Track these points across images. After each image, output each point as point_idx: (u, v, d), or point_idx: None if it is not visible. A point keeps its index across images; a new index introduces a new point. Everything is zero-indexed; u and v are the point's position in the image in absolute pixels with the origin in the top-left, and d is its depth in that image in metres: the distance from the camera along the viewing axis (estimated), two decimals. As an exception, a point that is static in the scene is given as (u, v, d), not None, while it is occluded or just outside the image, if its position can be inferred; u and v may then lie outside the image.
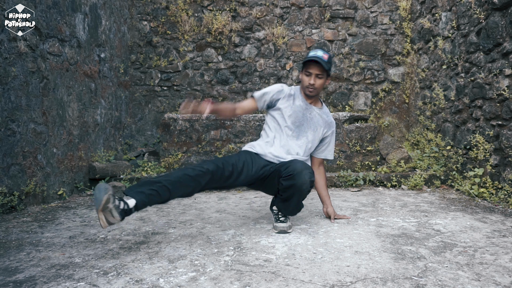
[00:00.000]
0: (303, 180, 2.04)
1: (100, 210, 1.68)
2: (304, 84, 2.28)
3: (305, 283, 1.45)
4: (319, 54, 2.22)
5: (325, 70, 2.23)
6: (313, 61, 2.21)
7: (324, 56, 2.22)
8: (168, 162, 4.29)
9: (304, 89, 2.32)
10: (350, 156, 4.25)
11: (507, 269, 1.60)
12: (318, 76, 2.24)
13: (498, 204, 2.91)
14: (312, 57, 2.20)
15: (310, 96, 2.33)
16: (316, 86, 2.26)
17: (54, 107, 3.22)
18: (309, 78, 2.25)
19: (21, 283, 1.49)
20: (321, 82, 2.26)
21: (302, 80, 2.30)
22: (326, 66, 2.19)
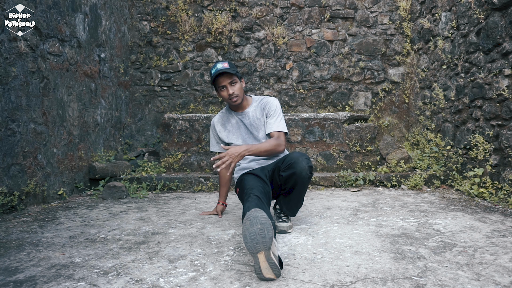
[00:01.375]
0: (302, 166, 2.07)
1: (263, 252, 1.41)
2: (226, 98, 2.32)
3: (305, 283, 1.46)
4: (219, 66, 2.26)
5: (233, 74, 2.27)
6: (218, 75, 2.25)
7: (224, 65, 2.26)
8: (168, 162, 4.29)
9: (229, 103, 2.35)
10: (350, 156, 4.25)
11: (506, 269, 1.60)
12: (232, 83, 2.28)
13: (498, 204, 2.91)
14: (215, 73, 2.24)
15: (238, 104, 2.36)
16: (236, 92, 2.30)
17: (54, 107, 3.23)
18: (226, 91, 2.29)
19: (21, 283, 1.49)
20: (237, 86, 2.30)
21: (223, 97, 2.34)
22: (232, 71, 2.24)
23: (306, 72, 5.12)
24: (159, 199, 3.36)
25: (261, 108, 2.41)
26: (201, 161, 4.29)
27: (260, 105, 2.43)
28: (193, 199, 3.36)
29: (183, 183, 3.85)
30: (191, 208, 2.93)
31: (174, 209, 2.90)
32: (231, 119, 2.44)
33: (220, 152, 2.49)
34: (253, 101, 2.46)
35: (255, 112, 2.40)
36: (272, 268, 1.43)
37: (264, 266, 1.42)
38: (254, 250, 1.42)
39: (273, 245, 1.49)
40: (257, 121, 2.39)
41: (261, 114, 2.40)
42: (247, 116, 2.40)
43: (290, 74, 5.15)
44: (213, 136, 2.51)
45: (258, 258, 1.42)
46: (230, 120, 2.44)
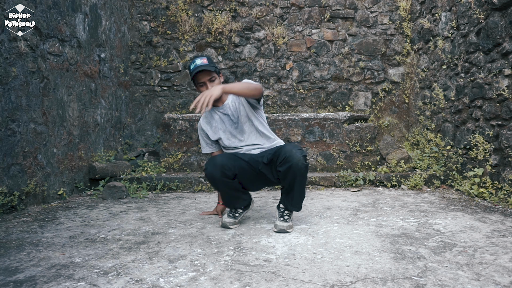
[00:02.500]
0: (297, 157, 2.11)
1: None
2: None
3: (305, 283, 1.46)
4: (198, 62, 2.26)
5: (212, 71, 2.27)
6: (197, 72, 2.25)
7: (203, 61, 2.27)
8: (168, 162, 4.29)
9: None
10: (350, 156, 4.25)
11: (506, 269, 1.60)
12: (211, 80, 2.28)
13: (498, 204, 2.91)
14: (194, 70, 2.24)
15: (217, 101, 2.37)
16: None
17: (54, 107, 3.23)
18: (205, 87, 2.29)
19: (21, 283, 1.49)
20: (217, 82, 2.30)
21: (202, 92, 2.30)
22: (211, 68, 2.24)
23: (306, 72, 5.11)
24: (159, 199, 3.36)
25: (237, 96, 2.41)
26: (201, 161, 4.29)
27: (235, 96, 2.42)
28: (193, 199, 3.36)
29: (183, 183, 3.85)
30: (191, 208, 2.93)
31: (174, 209, 2.90)
32: (214, 115, 2.44)
33: (212, 152, 2.51)
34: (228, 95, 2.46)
35: (234, 103, 2.41)
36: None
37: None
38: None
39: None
40: (238, 110, 2.39)
41: (238, 101, 2.40)
42: (228, 107, 2.40)
43: (290, 74, 5.15)
44: (202, 138, 2.51)
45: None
46: (213, 116, 2.44)
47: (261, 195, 3.46)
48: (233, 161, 2.27)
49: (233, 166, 2.24)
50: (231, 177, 2.25)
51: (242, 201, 2.42)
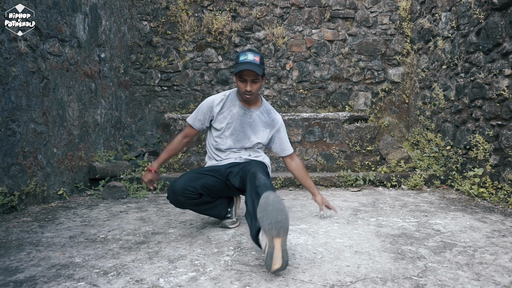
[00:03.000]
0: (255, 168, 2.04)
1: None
2: (241, 90, 2.22)
3: (305, 283, 1.46)
4: (250, 58, 2.13)
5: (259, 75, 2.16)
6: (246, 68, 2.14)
7: (255, 59, 2.14)
8: (168, 162, 4.29)
9: (242, 96, 2.25)
10: (350, 156, 4.25)
11: (506, 269, 1.60)
12: (254, 81, 2.17)
13: (498, 204, 2.91)
14: (244, 64, 2.12)
15: (248, 101, 2.29)
16: (253, 91, 2.20)
17: (54, 107, 3.23)
18: (245, 85, 2.18)
19: (21, 283, 1.49)
20: (257, 86, 2.20)
21: (238, 86, 2.22)
22: (260, 72, 2.12)
23: (306, 72, 5.11)
24: (159, 199, 3.36)
25: (265, 123, 2.35)
26: (201, 161, 4.29)
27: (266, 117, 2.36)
28: (193, 199, 3.36)
29: (183, 183, 3.84)
30: (191, 208, 2.93)
31: (174, 209, 2.90)
32: (233, 107, 2.32)
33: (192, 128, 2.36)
34: (262, 104, 2.38)
35: (260, 116, 2.34)
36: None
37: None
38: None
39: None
40: (257, 125, 2.33)
41: (264, 125, 2.34)
42: (251, 115, 2.32)
43: (290, 74, 5.15)
44: (201, 112, 2.32)
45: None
46: (232, 108, 2.32)
47: (261, 195, 3.45)
48: (194, 181, 2.16)
49: (195, 188, 2.14)
50: (195, 197, 2.16)
51: (223, 206, 2.37)
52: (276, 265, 1.47)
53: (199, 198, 2.18)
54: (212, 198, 2.28)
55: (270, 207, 1.55)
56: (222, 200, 2.38)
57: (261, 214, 1.56)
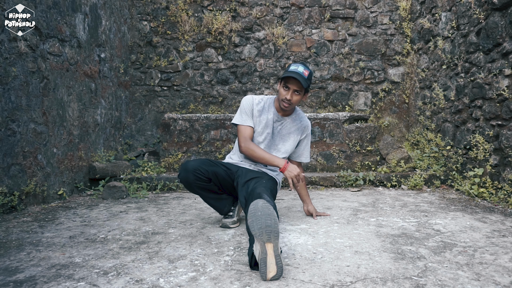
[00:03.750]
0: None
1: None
2: (281, 97, 2.25)
3: (305, 283, 1.46)
4: (300, 70, 2.18)
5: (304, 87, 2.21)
6: (292, 77, 2.17)
7: (304, 72, 2.18)
8: (168, 162, 4.29)
9: (280, 102, 2.28)
10: (350, 156, 4.25)
11: (506, 269, 1.60)
12: (296, 92, 2.21)
13: (498, 204, 2.91)
14: (292, 72, 2.16)
15: (284, 110, 2.32)
16: (292, 101, 2.23)
17: (54, 107, 3.23)
18: (287, 93, 2.22)
19: (21, 283, 1.49)
20: (298, 98, 2.23)
21: (280, 93, 2.26)
22: (304, 84, 2.16)
23: (306, 72, 5.11)
24: (159, 199, 3.36)
25: (298, 128, 2.40)
26: (201, 161, 4.29)
27: (300, 123, 2.40)
28: (193, 199, 3.36)
29: (183, 183, 3.85)
30: (191, 208, 2.93)
31: (174, 209, 2.90)
32: (269, 113, 2.34)
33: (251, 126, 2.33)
34: (294, 112, 2.42)
35: (291, 125, 2.38)
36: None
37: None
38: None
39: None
40: (287, 135, 2.37)
41: (296, 133, 2.40)
42: (283, 124, 2.37)
43: (290, 74, 5.14)
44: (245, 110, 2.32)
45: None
46: (267, 112, 2.34)
47: (261, 195, 3.45)
48: (207, 166, 2.21)
49: (207, 171, 2.19)
50: (205, 180, 2.21)
51: (228, 202, 2.39)
52: (271, 273, 1.45)
53: (208, 183, 2.24)
54: (219, 190, 2.33)
55: (259, 213, 1.57)
56: (228, 196, 2.41)
57: (251, 220, 1.57)
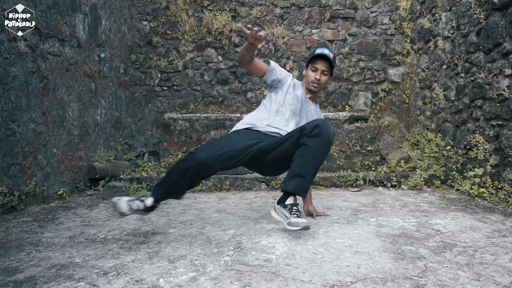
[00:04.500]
0: (330, 129, 2.01)
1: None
2: (310, 79, 2.35)
3: (305, 283, 1.45)
4: (326, 52, 2.30)
5: (331, 67, 2.33)
6: (321, 57, 2.29)
7: (330, 54, 2.31)
8: (168, 162, 4.29)
9: (309, 84, 2.38)
10: (350, 156, 4.25)
11: (507, 269, 1.60)
12: (324, 73, 2.33)
13: (498, 204, 2.91)
14: (320, 53, 2.29)
15: (313, 91, 2.41)
16: (321, 81, 2.34)
17: (54, 107, 3.22)
18: (316, 74, 2.32)
19: (21, 283, 1.49)
20: (325, 78, 2.35)
21: (307, 75, 2.37)
22: (333, 63, 2.30)
23: (306, 72, 5.11)
24: (159, 199, 3.36)
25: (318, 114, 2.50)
26: (201, 161, 4.29)
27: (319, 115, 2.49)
28: (193, 199, 3.36)
29: (183, 183, 3.84)
30: (191, 208, 2.93)
31: (174, 209, 2.90)
32: (298, 91, 2.40)
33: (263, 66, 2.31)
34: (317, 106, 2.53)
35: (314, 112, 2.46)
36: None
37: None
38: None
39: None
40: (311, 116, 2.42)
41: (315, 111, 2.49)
42: (310, 104, 2.44)
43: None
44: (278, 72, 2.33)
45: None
46: (298, 91, 2.39)
47: (261, 195, 3.45)
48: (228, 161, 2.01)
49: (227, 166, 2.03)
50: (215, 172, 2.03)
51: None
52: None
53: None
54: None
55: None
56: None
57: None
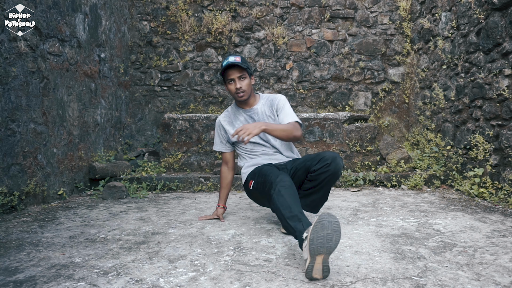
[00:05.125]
0: (339, 166, 2.03)
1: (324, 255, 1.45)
2: (232, 92, 2.26)
3: (305, 283, 1.46)
4: (231, 60, 2.20)
5: (244, 69, 2.22)
6: (229, 67, 2.21)
7: (236, 59, 2.21)
8: (168, 162, 4.29)
9: (235, 97, 2.29)
10: (350, 156, 4.25)
11: (507, 269, 1.60)
12: (241, 78, 2.23)
13: (498, 204, 2.91)
14: (226, 64, 2.20)
15: (244, 100, 2.30)
16: (244, 88, 2.23)
17: (54, 107, 3.23)
18: (234, 84, 2.23)
19: (21, 283, 1.49)
20: (246, 82, 2.24)
21: (229, 91, 2.28)
22: (243, 65, 2.19)
23: (306, 72, 5.11)
24: (159, 199, 3.36)
25: (269, 105, 2.35)
26: (201, 161, 4.29)
27: (267, 102, 2.36)
28: (193, 199, 3.36)
29: (183, 183, 3.85)
30: (191, 208, 2.93)
31: (174, 209, 2.90)
32: (239, 116, 2.37)
33: (224, 152, 2.45)
34: (261, 99, 2.39)
35: (263, 109, 2.33)
36: (324, 271, 1.46)
37: (317, 268, 1.45)
38: (316, 252, 1.44)
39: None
40: (266, 118, 2.32)
41: (270, 111, 2.34)
42: (256, 112, 2.34)
43: (290, 74, 5.14)
44: (218, 135, 2.43)
45: (316, 260, 1.45)
46: (238, 117, 2.37)
47: (261, 195, 3.45)
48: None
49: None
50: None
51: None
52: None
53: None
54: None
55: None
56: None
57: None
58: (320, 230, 1.44)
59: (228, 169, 2.47)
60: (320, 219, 1.46)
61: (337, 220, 1.46)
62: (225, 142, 2.43)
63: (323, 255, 1.44)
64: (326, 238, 1.43)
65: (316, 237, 1.43)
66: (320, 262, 1.45)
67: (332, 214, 1.49)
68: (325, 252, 1.44)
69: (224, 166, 2.47)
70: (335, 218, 1.46)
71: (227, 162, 2.46)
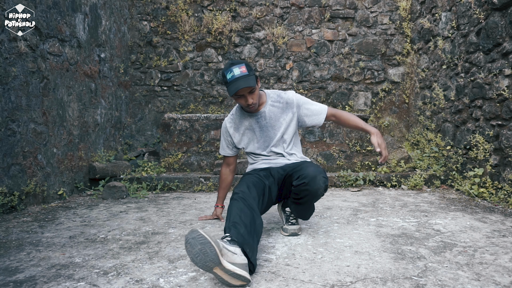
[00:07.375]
0: (318, 186, 1.96)
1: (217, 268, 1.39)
2: (243, 105, 2.14)
3: (305, 283, 1.45)
4: (237, 72, 2.00)
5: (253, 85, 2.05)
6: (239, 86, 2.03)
7: (242, 70, 2.01)
8: (168, 162, 4.29)
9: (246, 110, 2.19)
10: (350, 156, 4.25)
11: (507, 269, 1.60)
12: (251, 92, 2.05)
13: (498, 204, 2.91)
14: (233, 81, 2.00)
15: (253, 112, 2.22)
16: (254, 101, 2.09)
17: (54, 107, 3.23)
18: (245, 100, 2.07)
19: (21, 283, 1.49)
20: (255, 94, 2.09)
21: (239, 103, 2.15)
22: (252, 83, 2.00)
23: (306, 72, 5.11)
24: (159, 199, 3.36)
25: (282, 107, 2.23)
26: (201, 161, 4.29)
27: (277, 104, 2.24)
28: (193, 199, 3.36)
29: (183, 183, 3.85)
30: (191, 208, 2.93)
31: (174, 209, 2.90)
32: (244, 121, 2.27)
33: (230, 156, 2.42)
34: (268, 98, 2.25)
35: (272, 111, 2.22)
36: (236, 277, 1.40)
37: (227, 278, 1.40)
38: (207, 269, 1.39)
39: (227, 256, 1.42)
40: (274, 121, 2.23)
41: (284, 113, 2.22)
42: (263, 117, 2.22)
43: (290, 74, 5.15)
44: (224, 139, 2.36)
45: (217, 273, 1.40)
46: (243, 122, 2.28)
47: (261, 195, 3.45)
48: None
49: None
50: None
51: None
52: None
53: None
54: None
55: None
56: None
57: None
58: (191, 249, 1.39)
59: (230, 171, 2.46)
60: (185, 240, 1.42)
61: (200, 233, 1.40)
62: (232, 147, 2.37)
63: (216, 266, 1.38)
64: (202, 253, 1.38)
65: (193, 257, 1.39)
66: (222, 272, 1.39)
67: (194, 229, 1.42)
68: (212, 265, 1.38)
69: (226, 168, 2.46)
70: (197, 233, 1.40)
71: (229, 165, 2.45)
